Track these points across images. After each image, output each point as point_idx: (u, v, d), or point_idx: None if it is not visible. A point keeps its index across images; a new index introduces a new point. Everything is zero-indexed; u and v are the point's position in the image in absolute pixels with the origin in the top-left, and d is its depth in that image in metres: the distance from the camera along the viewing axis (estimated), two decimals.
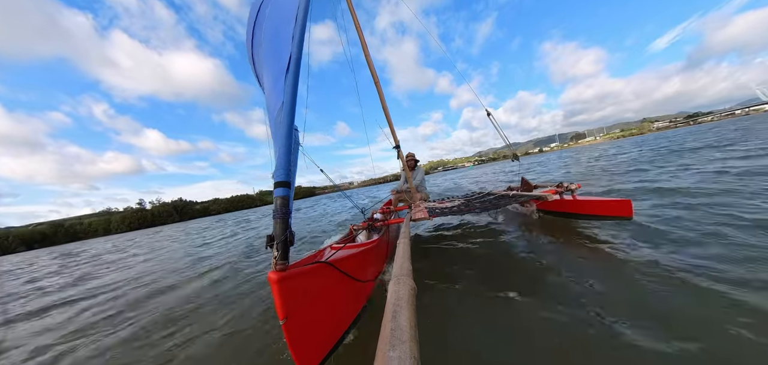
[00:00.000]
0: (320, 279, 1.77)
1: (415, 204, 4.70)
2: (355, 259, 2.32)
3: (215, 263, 6.40)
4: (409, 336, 0.80)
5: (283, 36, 1.93)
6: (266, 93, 2.06)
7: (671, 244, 2.96)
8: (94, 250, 20.13)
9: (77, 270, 9.67)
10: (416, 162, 6.04)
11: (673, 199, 4.63)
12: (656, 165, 9.15)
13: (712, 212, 3.64)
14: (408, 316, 0.90)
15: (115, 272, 7.76)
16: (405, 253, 1.62)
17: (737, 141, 12.10)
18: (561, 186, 4.17)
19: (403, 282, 1.15)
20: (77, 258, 15.22)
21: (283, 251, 1.46)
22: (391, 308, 0.95)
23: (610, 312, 1.99)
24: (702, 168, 6.96)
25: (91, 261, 12.04)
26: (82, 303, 4.94)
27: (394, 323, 0.86)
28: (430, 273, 3.20)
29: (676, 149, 13.20)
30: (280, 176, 1.56)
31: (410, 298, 1.02)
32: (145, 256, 10.61)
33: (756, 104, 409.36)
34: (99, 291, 5.78)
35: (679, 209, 4.04)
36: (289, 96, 1.70)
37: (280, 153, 1.61)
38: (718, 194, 4.41)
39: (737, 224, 3.15)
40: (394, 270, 1.36)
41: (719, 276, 2.21)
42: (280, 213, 1.48)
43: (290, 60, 1.76)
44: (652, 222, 3.63)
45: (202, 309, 3.63)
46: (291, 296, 1.48)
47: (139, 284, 5.76)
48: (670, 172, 7.33)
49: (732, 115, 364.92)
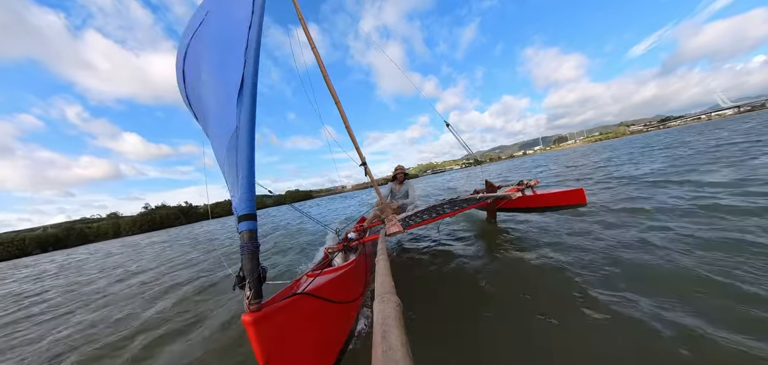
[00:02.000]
0: (300, 312, 1.67)
1: (387, 219, 4.69)
2: (334, 283, 2.23)
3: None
4: (402, 355, 0.77)
5: (232, 57, 1.81)
6: (212, 120, 1.89)
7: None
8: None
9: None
10: (405, 175, 5.60)
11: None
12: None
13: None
14: (398, 334, 0.87)
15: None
16: (385, 270, 1.59)
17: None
18: (522, 184, 4.45)
19: (388, 299, 1.12)
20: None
21: (256, 289, 1.35)
22: (379, 329, 0.91)
23: (568, 301, 2.13)
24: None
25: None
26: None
27: (385, 343, 0.83)
28: (409, 287, 3.19)
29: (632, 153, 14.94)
30: (245, 208, 1.45)
31: (398, 315, 0.99)
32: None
33: (720, 109, 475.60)
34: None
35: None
36: (247, 119, 1.57)
37: (243, 183, 1.48)
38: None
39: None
40: (376, 289, 1.33)
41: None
42: (248, 248, 1.38)
43: (243, 80, 1.66)
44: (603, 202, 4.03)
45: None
46: (270, 336, 1.37)
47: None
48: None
49: (699, 119, 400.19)
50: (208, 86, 1.95)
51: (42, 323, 4.40)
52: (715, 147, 10.59)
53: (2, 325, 4.85)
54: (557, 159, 28.80)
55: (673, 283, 2.14)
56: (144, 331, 3.39)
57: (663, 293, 2.03)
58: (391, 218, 4.65)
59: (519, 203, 4.68)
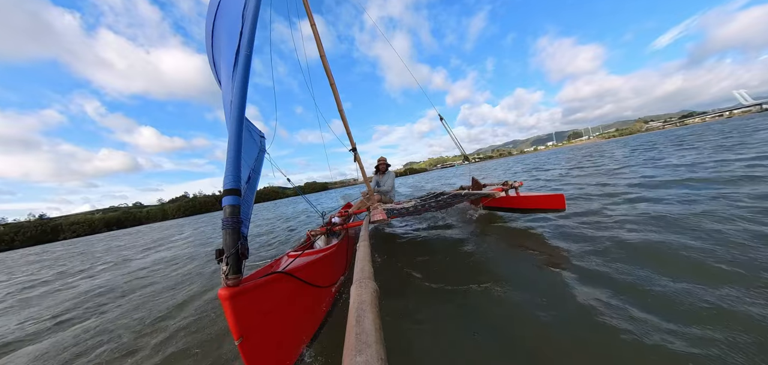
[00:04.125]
0: (278, 291, 1.67)
1: (373, 207, 4.72)
2: (314, 266, 2.24)
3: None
4: (374, 339, 0.79)
5: (234, 29, 1.77)
6: (223, 89, 1.88)
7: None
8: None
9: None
10: (387, 166, 6.25)
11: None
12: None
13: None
14: (372, 319, 0.89)
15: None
16: (365, 256, 1.61)
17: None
18: (506, 184, 4.55)
19: (366, 284, 1.14)
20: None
21: (234, 264, 1.34)
22: (354, 312, 0.93)
23: (548, 293, 2.22)
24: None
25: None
26: None
27: (359, 327, 0.85)
28: (391, 275, 3.24)
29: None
30: (230, 182, 1.43)
31: (374, 300, 1.01)
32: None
33: (743, 106, 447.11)
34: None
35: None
36: (238, 94, 1.55)
37: (229, 157, 1.46)
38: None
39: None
40: (355, 274, 1.34)
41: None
42: (229, 223, 1.36)
43: (237, 56, 1.63)
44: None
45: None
46: (246, 313, 1.37)
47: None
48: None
49: (720, 116, 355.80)
50: (223, 57, 1.90)
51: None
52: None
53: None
54: (554, 157, 29.57)
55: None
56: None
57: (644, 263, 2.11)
58: (377, 207, 4.69)
59: (502, 203, 4.81)
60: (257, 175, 2.02)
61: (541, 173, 12.65)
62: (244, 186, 1.62)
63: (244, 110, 1.56)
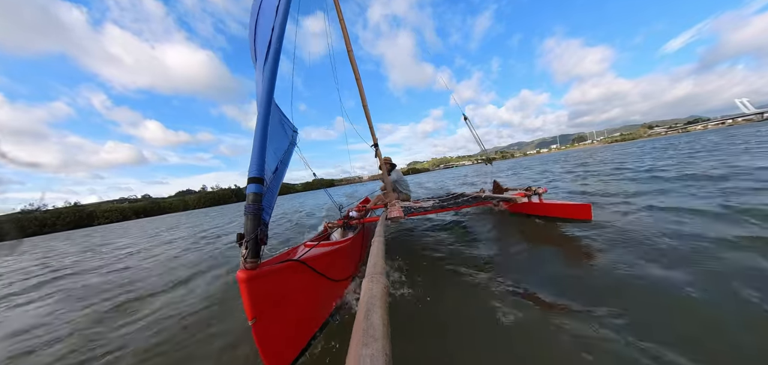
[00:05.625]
0: (292, 278, 1.73)
1: (390, 203, 4.73)
2: (328, 257, 2.29)
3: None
4: (381, 334, 0.80)
5: (268, 27, 1.85)
6: (257, 84, 1.99)
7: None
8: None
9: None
10: (392, 165, 6.16)
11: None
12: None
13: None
14: (381, 314, 0.90)
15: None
16: (379, 252, 1.62)
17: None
18: (529, 190, 4.39)
19: (377, 280, 1.15)
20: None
21: (253, 248, 1.40)
22: (364, 306, 0.94)
23: (576, 300, 2.13)
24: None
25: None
26: None
27: (367, 321, 0.86)
28: (404, 272, 3.24)
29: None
30: (253, 171, 1.49)
31: (383, 296, 1.02)
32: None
33: (744, 114, 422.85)
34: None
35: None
36: (266, 86, 1.61)
37: (255, 147, 1.52)
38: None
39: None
40: (368, 269, 1.36)
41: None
42: (251, 209, 1.42)
43: (269, 51, 1.69)
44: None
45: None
46: (260, 295, 1.43)
47: None
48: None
49: (722, 123, 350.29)
50: (258, 53, 1.99)
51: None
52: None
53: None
54: (544, 162, 28.80)
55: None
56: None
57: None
58: (394, 204, 4.69)
59: (524, 209, 4.64)
60: (285, 167, 2.08)
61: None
62: (271, 176, 1.68)
63: (271, 102, 1.62)
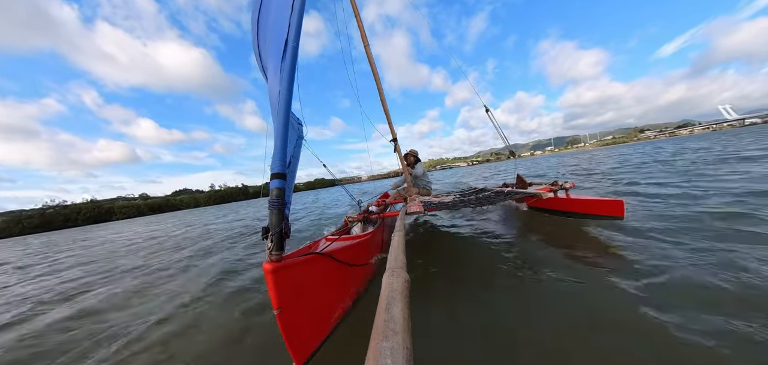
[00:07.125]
0: (315, 270, 1.78)
1: (410, 198, 4.71)
2: (349, 251, 2.33)
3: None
4: (402, 327, 0.81)
5: (282, 21, 1.85)
6: (269, 82, 2.00)
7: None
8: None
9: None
10: (417, 159, 6.04)
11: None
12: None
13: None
14: (401, 308, 0.91)
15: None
16: (399, 246, 1.63)
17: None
18: (556, 185, 4.20)
19: (398, 274, 1.16)
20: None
21: (278, 242, 1.46)
22: (384, 299, 0.95)
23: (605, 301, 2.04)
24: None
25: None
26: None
27: (388, 314, 0.87)
28: (425, 266, 3.23)
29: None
30: (277, 167, 1.54)
31: (404, 290, 1.02)
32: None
33: (727, 120, 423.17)
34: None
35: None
36: (286, 84, 1.63)
37: (277, 144, 1.57)
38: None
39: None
40: (388, 263, 1.37)
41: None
42: (275, 204, 1.47)
43: (286, 46, 1.71)
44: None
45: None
46: (285, 286, 1.48)
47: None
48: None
49: (708, 128, 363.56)
50: (271, 50, 2.00)
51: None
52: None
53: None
54: (536, 164, 27.80)
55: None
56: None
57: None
58: (414, 198, 4.67)
59: (549, 204, 4.46)
60: (296, 161, 2.12)
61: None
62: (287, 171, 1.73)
63: (291, 99, 1.65)
